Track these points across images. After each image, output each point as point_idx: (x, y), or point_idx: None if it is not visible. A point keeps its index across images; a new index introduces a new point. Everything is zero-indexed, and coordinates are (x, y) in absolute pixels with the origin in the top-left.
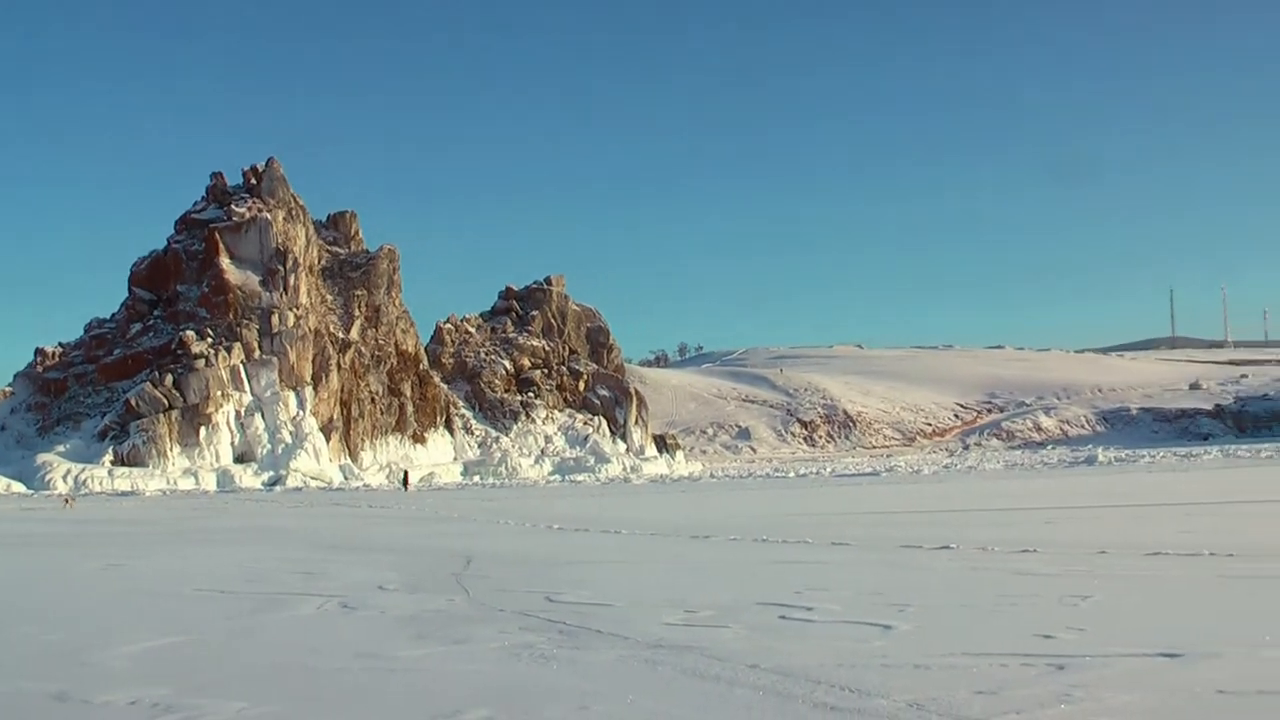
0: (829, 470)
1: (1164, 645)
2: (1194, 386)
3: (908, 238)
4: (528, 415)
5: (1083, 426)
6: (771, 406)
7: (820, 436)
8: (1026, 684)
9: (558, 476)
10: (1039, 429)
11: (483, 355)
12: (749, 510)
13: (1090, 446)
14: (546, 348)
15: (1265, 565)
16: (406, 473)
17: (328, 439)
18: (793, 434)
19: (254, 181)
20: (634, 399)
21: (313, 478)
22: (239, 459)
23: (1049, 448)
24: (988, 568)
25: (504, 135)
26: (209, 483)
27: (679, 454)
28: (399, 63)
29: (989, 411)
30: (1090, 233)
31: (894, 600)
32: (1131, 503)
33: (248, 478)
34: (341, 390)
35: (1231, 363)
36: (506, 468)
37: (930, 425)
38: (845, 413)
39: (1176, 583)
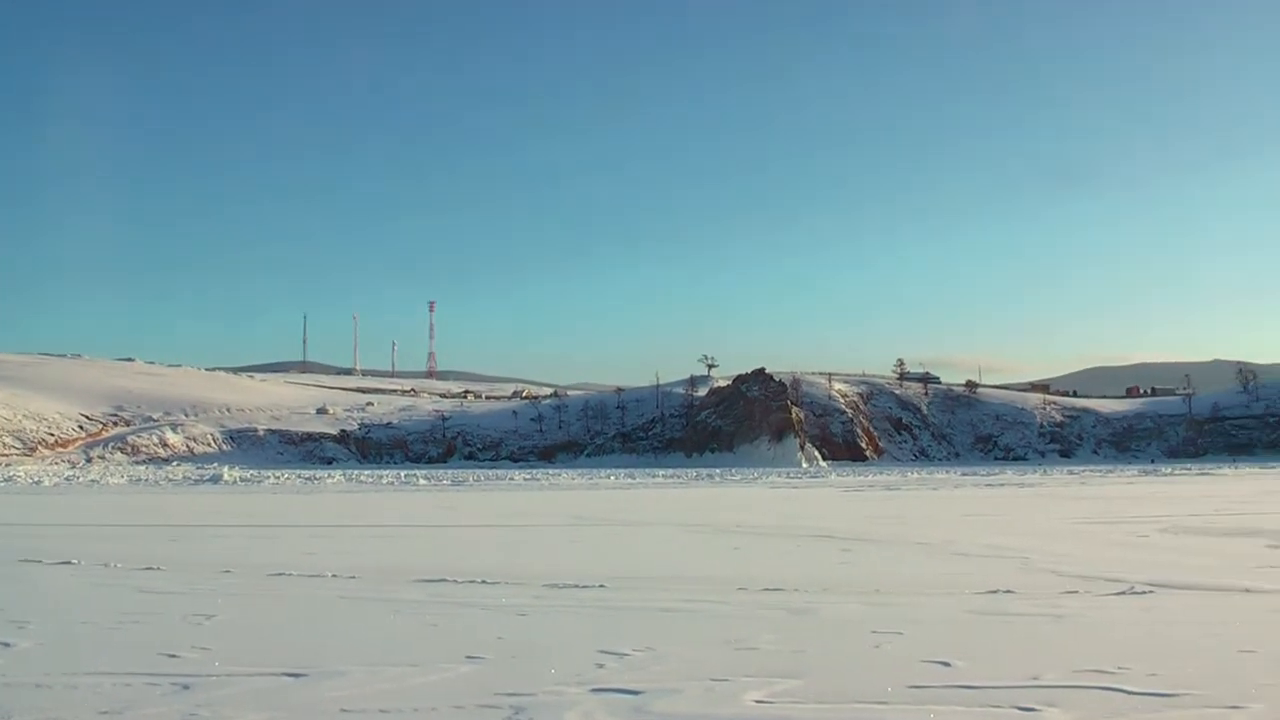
0: None
1: (289, 664)
2: (321, 411)
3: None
4: None
5: (210, 444)
6: None
7: None
8: (152, 703)
9: None
10: (165, 445)
11: None
12: None
13: (216, 465)
14: None
15: (384, 587)
16: None
17: None
18: None
19: None
20: None
21: None
22: None
23: (175, 464)
24: (111, 584)
25: None
26: None
27: None
28: None
29: (115, 424)
30: (227, 248)
31: (14, 617)
32: (255, 522)
33: None
34: None
35: (360, 390)
36: None
37: (53, 435)
38: None
39: (300, 602)
